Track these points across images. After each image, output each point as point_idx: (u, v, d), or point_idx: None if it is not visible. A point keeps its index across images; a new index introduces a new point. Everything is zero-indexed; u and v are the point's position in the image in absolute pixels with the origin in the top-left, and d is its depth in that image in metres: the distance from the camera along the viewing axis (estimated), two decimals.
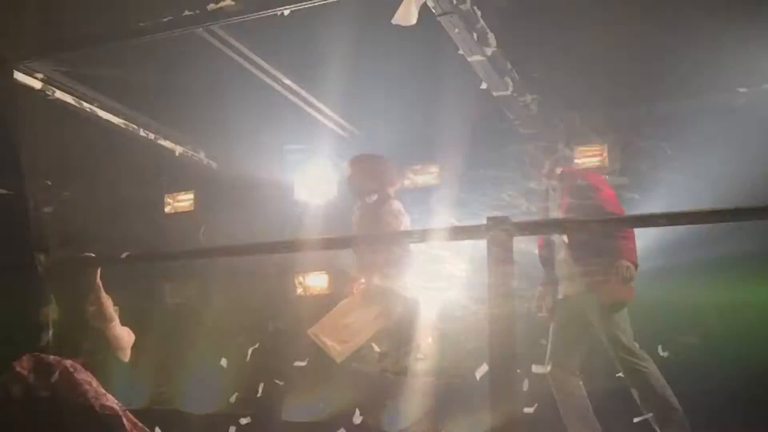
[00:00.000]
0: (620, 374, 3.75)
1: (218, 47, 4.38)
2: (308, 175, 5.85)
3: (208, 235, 6.25)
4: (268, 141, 5.72)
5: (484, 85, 4.69)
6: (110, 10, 4.17)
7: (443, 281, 4.61)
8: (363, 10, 4.07)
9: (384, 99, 4.96)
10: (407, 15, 3.88)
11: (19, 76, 4.63)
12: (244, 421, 3.95)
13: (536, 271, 4.14)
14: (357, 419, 3.76)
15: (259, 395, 4.43)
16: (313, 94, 5.14)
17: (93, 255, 3.89)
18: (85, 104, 5.19)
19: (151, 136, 5.81)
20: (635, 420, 3.52)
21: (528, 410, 3.07)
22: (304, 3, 3.93)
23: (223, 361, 4.32)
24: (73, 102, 5.09)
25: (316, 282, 5.81)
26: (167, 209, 6.50)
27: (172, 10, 4.14)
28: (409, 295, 4.10)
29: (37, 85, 4.78)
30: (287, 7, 3.95)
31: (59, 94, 4.95)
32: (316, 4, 3.92)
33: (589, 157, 5.07)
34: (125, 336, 4.35)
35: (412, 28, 3.88)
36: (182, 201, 6.48)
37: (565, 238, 3.90)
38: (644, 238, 3.88)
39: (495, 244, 2.90)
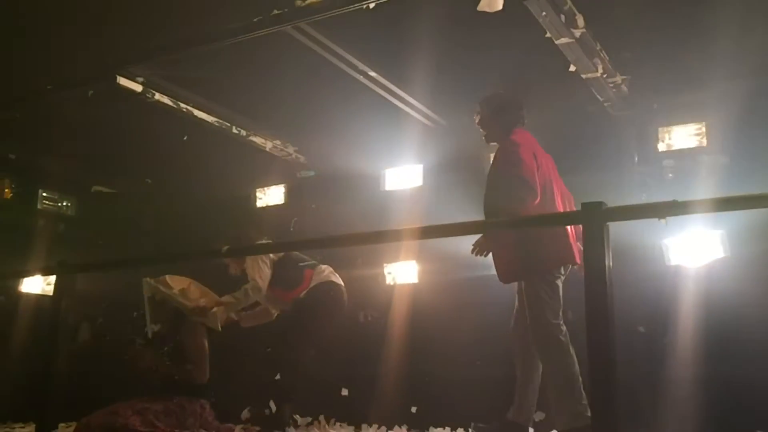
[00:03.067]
0: None
1: (306, 44, 4.47)
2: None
3: (297, 227, 6.42)
4: (355, 134, 5.80)
5: (572, 68, 4.60)
6: (203, 14, 4.34)
7: None
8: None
9: (470, 87, 4.92)
10: (492, 1, 3.86)
11: (121, 80, 4.92)
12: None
13: None
14: None
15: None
16: (399, 85, 5.17)
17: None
18: (182, 105, 5.42)
19: (243, 132, 6.00)
20: None
21: None
22: None
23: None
24: (170, 103, 5.33)
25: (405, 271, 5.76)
26: (259, 203, 6.70)
27: (262, 10, 4.27)
28: None
29: (138, 88, 5.04)
30: (372, 0, 4.00)
31: (158, 96, 5.20)
32: None
33: (689, 136, 4.88)
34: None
35: (498, 14, 3.85)
36: (273, 194, 6.66)
37: None
38: None
39: (591, 230, 2.87)
